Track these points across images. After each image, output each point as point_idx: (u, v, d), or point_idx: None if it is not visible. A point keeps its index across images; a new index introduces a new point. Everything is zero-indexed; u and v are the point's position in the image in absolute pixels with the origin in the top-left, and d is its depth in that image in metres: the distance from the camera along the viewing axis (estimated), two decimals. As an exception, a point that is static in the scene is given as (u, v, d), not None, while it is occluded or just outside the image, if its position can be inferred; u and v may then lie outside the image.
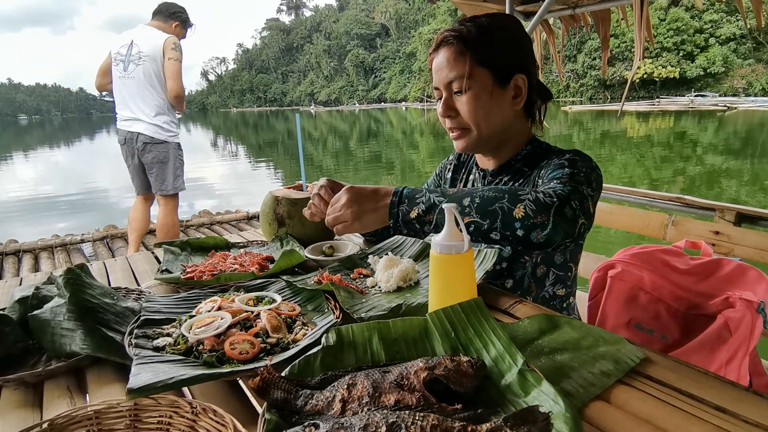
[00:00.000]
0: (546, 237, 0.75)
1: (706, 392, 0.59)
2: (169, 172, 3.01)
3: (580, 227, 0.78)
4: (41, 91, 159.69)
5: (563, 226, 0.76)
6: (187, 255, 1.23)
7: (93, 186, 10.69)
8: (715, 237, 1.56)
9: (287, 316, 0.81)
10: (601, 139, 15.40)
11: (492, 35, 0.95)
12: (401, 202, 0.83)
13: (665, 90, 38.87)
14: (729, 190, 7.36)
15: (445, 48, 0.97)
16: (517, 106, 1.00)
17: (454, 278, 0.72)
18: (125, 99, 2.95)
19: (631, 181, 7.80)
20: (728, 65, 37.30)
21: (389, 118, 36.92)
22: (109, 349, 0.74)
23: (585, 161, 0.92)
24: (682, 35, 38.10)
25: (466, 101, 0.96)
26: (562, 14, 2.51)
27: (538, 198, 0.77)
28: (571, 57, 44.28)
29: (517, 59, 0.98)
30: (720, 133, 15.96)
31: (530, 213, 0.75)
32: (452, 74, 0.96)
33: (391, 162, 12.64)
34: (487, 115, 0.97)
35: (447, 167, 1.26)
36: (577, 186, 0.82)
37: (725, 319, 1.01)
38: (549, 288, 1.03)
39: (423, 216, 0.81)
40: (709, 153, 11.29)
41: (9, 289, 1.11)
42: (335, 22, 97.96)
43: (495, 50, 0.95)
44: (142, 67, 2.89)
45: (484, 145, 1.03)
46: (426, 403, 0.52)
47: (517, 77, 0.97)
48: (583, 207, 0.80)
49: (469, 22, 0.97)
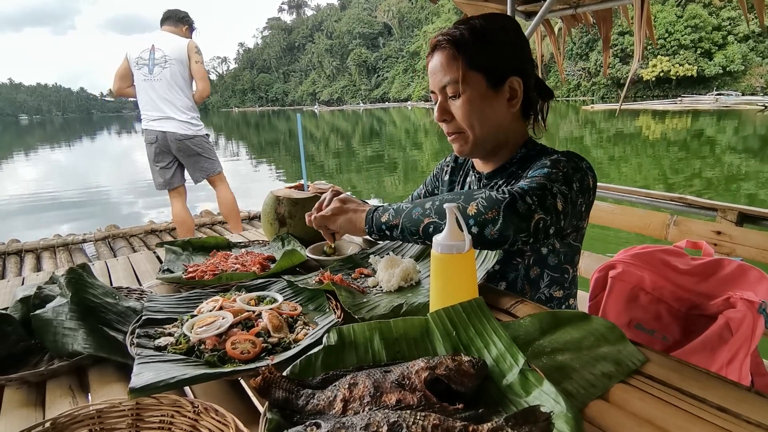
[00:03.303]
0: (498, 232, 0.76)
1: (708, 392, 0.59)
2: (207, 159, 3.30)
3: (538, 222, 0.77)
4: (42, 91, 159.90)
5: (514, 220, 0.76)
6: (188, 255, 1.24)
7: (95, 186, 10.71)
8: (717, 237, 1.55)
9: (288, 315, 0.81)
10: (643, 143, 13.24)
11: (485, 38, 0.94)
12: (377, 210, 0.92)
13: (681, 88, 38.41)
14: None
15: (439, 52, 0.96)
16: (513, 108, 0.99)
17: (455, 278, 0.72)
18: (153, 100, 3.12)
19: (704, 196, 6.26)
20: (746, 63, 36.98)
21: (394, 117, 36.81)
22: (111, 349, 0.74)
23: (571, 162, 0.90)
24: (699, 32, 37.68)
25: (461, 105, 0.96)
26: (564, 14, 2.50)
27: (491, 195, 0.78)
28: (583, 55, 43.94)
29: (512, 61, 0.96)
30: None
31: (482, 209, 0.77)
32: (446, 78, 0.95)
33: (395, 162, 12.62)
34: (481, 118, 0.97)
35: (444, 169, 1.25)
36: (545, 184, 0.82)
37: (726, 320, 1.01)
38: (545, 290, 1.02)
39: (391, 220, 0.88)
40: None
41: (11, 288, 1.11)
42: (337, 21, 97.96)
43: (488, 53, 0.94)
44: (169, 70, 3.08)
45: (481, 148, 1.03)
46: (427, 402, 0.52)
47: (511, 80, 0.96)
48: (543, 203, 0.78)
49: (463, 25, 0.96)
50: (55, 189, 10.27)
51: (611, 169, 9.50)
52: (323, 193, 1.30)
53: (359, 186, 9.44)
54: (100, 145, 27.08)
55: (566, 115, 26.65)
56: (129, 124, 60.42)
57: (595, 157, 11.03)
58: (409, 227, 0.85)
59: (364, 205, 0.97)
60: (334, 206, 0.98)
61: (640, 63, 2.13)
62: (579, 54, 44.97)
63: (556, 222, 0.81)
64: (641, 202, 2.01)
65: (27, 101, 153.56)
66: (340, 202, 0.98)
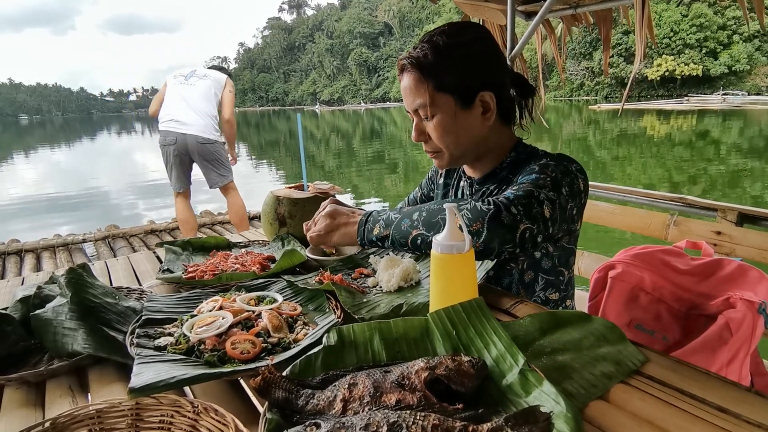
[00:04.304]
0: (483, 244, 0.76)
1: (708, 392, 0.58)
2: (224, 166, 3.54)
3: (524, 232, 0.77)
4: (42, 91, 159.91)
5: (499, 231, 0.76)
6: (188, 255, 1.24)
7: (95, 186, 10.71)
8: (717, 237, 1.55)
9: (288, 315, 0.81)
10: (655, 143, 12.74)
11: (451, 58, 0.91)
12: (368, 221, 0.91)
13: (686, 88, 38.12)
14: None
15: (407, 74, 0.94)
16: (488, 122, 0.96)
17: (455, 278, 0.72)
18: (180, 101, 3.30)
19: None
20: (752, 63, 36.85)
21: (395, 117, 36.68)
22: (110, 349, 0.74)
23: (560, 166, 0.89)
24: (705, 31, 37.41)
25: (433, 128, 0.95)
26: (564, 14, 2.50)
27: (476, 206, 0.78)
28: (586, 54, 43.67)
29: (480, 77, 0.93)
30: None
31: (467, 221, 0.77)
32: (416, 102, 0.93)
33: (396, 162, 12.61)
34: (456, 138, 0.95)
35: (439, 172, 1.23)
36: (531, 191, 0.81)
37: (726, 320, 1.01)
38: (540, 293, 1.01)
39: (382, 232, 0.88)
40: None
41: (11, 288, 1.11)
42: (338, 21, 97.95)
43: (454, 74, 0.91)
44: (204, 82, 3.38)
45: (460, 162, 1.03)
46: (427, 402, 0.52)
47: (482, 95, 0.93)
48: (529, 212, 0.78)
49: (427, 43, 0.92)
50: (55, 189, 10.28)
51: (616, 170, 9.45)
52: (323, 194, 1.30)
53: (359, 186, 9.44)
54: (100, 145, 27.09)
55: (569, 115, 26.48)
56: (129, 124, 60.48)
57: (598, 157, 10.97)
58: (399, 239, 0.86)
59: (353, 216, 0.94)
60: (324, 224, 0.95)
61: (642, 63, 2.12)
62: (582, 53, 44.78)
63: (543, 230, 0.80)
64: (641, 203, 2.00)
65: (27, 101, 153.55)
66: (329, 218, 0.96)
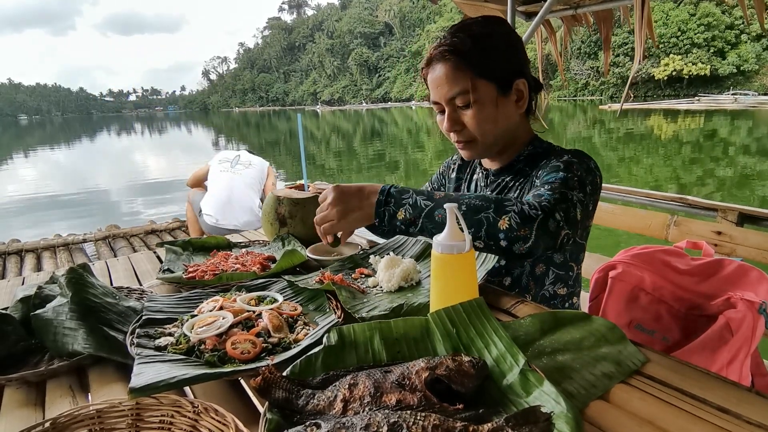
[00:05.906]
0: (528, 249, 0.77)
1: (708, 393, 0.58)
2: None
3: (564, 238, 0.79)
4: (42, 91, 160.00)
5: (545, 239, 0.77)
6: (188, 255, 1.24)
7: (95, 186, 10.71)
8: (718, 237, 1.55)
9: (289, 315, 0.81)
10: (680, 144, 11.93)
11: (487, 44, 0.93)
12: (388, 202, 0.83)
13: (693, 88, 37.94)
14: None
15: (441, 63, 0.94)
16: (520, 110, 0.99)
17: (455, 278, 0.72)
18: (223, 192, 3.19)
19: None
20: (760, 63, 36.69)
21: (396, 117, 36.63)
22: (111, 349, 0.74)
23: (582, 164, 0.91)
24: (713, 31, 37.16)
25: (473, 115, 0.95)
26: (564, 14, 2.50)
27: (523, 210, 0.77)
28: (591, 54, 43.50)
29: (515, 64, 0.97)
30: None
31: (514, 225, 0.76)
32: (454, 90, 0.93)
33: (397, 162, 12.60)
34: (494, 125, 0.97)
35: (451, 167, 1.25)
36: (566, 193, 0.82)
37: (726, 320, 1.01)
38: (549, 287, 1.03)
39: (409, 218, 0.81)
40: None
41: (11, 288, 1.11)
42: (338, 21, 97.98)
43: (494, 61, 0.93)
44: (249, 171, 3.32)
45: (490, 152, 1.04)
46: (427, 403, 0.52)
47: (518, 82, 0.96)
48: (569, 218, 0.80)
49: (461, 33, 0.94)
50: (55, 189, 10.27)
51: (641, 171, 9.31)
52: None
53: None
54: (100, 145, 27.07)
55: (574, 114, 26.32)
56: (129, 125, 60.48)
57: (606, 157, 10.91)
58: (430, 228, 0.80)
59: (366, 197, 0.84)
60: (335, 211, 0.85)
61: (641, 63, 2.13)
62: (588, 53, 44.62)
63: (575, 233, 0.82)
64: (642, 203, 2.01)
65: (26, 101, 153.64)
66: (339, 204, 0.84)
